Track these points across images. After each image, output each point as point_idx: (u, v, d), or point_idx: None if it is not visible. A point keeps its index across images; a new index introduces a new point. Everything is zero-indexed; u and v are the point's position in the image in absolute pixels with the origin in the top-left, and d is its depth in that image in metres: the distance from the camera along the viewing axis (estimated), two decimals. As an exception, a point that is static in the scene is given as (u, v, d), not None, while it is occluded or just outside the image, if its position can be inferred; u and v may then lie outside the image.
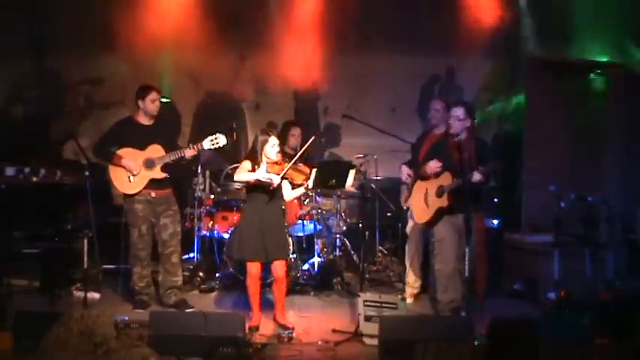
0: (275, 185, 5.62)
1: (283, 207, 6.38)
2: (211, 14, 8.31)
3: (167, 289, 6.36)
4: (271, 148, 5.69)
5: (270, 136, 5.73)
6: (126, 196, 6.24)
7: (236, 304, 6.58)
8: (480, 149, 6.03)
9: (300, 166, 5.81)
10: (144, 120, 6.25)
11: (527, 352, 4.82)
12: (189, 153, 6.07)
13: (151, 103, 6.20)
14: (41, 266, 6.77)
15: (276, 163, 5.71)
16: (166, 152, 6.11)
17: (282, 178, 5.65)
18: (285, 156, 5.90)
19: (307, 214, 7.39)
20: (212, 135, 6.05)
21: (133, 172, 6.13)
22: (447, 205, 5.95)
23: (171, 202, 6.33)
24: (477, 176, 5.77)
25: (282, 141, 5.96)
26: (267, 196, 5.73)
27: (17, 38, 8.21)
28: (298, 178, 5.72)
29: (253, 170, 5.69)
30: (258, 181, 5.64)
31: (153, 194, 6.21)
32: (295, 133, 7.25)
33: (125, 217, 6.28)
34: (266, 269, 5.97)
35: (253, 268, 5.80)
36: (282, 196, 5.85)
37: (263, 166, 5.71)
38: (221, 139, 6.05)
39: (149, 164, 6.14)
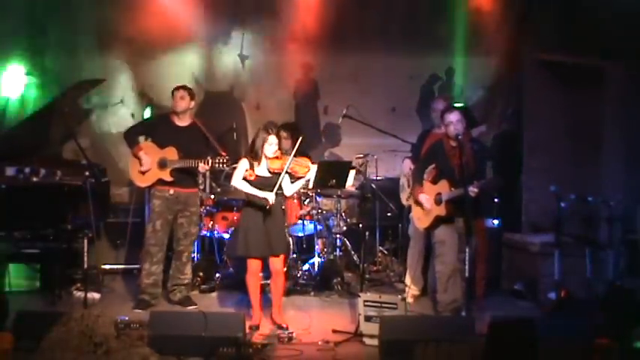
0: (270, 204, 5.67)
1: (284, 207, 6.41)
2: (212, 14, 8.31)
3: (173, 286, 6.46)
4: (269, 146, 5.75)
5: (269, 134, 5.77)
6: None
7: (236, 304, 6.58)
8: (478, 154, 6.01)
9: (300, 158, 5.85)
10: (177, 120, 6.37)
11: (527, 352, 4.82)
12: (202, 168, 6.18)
13: (179, 100, 6.33)
14: (41, 266, 6.78)
15: (277, 158, 5.75)
16: (180, 157, 6.18)
17: (285, 173, 5.72)
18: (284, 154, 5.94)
19: (307, 214, 7.38)
20: (222, 157, 6.10)
21: (142, 167, 6.25)
22: (445, 214, 5.95)
23: (191, 202, 6.41)
24: (473, 190, 5.75)
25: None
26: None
27: (17, 38, 8.20)
28: (301, 171, 5.78)
29: (252, 168, 5.73)
30: (253, 197, 5.73)
31: (171, 191, 6.29)
32: (283, 135, 7.25)
33: None
34: (266, 268, 5.97)
35: (253, 265, 5.84)
36: (282, 192, 5.87)
37: (263, 163, 5.76)
38: (224, 164, 6.11)
39: (162, 164, 6.25)
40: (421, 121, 8.52)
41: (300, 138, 5.86)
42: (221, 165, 6.08)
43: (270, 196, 5.66)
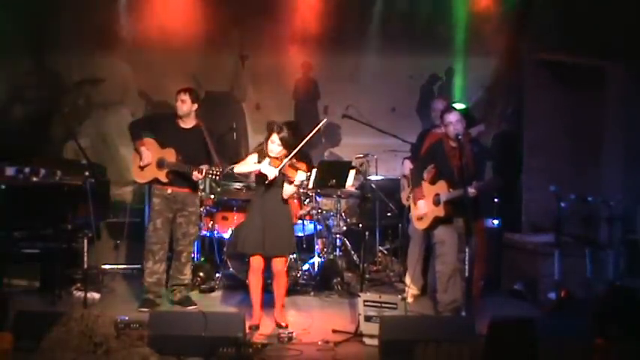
0: (270, 179, 5.69)
1: (287, 205, 6.40)
2: (212, 14, 8.31)
3: (173, 286, 6.46)
4: (272, 144, 5.77)
5: (274, 132, 5.78)
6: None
7: (237, 304, 6.58)
8: (478, 156, 6.00)
9: (298, 163, 5.82)
10: (180, 122, 6.35)
11: (527, 352, 4.82)
12: (195, 177, 6.15)
13: (180, 104, 6.28)
14: (41, 266, 6.77)
15: (277, 158, 5.77)
16: (177, 160, 6.20)
17: (280, 172, 5.71)
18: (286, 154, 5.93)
19: (307, 214, 7.38)
20: (216, 169, 6.05)
21: (141, 162, 6.25)
22: (443, 215, 5.94)
23: (189, 202, 6.39)
24: (471, 191, 5.75)
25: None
26: (270, 192, 5.80)
27: (17, 38, 8.21)
28: (291, 174, 5.76)
29: (259, 163, 5.76)
30: (259, 172, 5.75)
31: (169, 190, 6.29)
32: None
33: None
34: (268, 269, 5.97)
35: (255, 263, 5.85)
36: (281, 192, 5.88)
37: (266, 159, 5.79)
38: (217, 176, 6.08)
39: (160, 164, 6.25)
40: (421, 121, 8.52)
41: (324, 120, 5.87)
42: (214, 177, 6.08)
43: (271, 173, 5.67)
